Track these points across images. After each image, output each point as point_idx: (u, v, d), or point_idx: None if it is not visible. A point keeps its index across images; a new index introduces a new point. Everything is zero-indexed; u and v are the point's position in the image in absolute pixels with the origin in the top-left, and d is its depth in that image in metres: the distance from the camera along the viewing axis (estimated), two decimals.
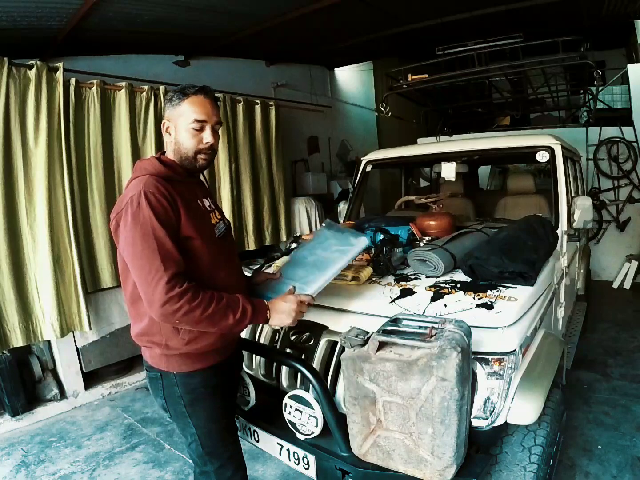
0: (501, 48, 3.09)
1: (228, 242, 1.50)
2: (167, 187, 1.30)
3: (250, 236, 4.57)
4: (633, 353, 3.45)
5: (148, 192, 1.24)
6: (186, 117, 1.33)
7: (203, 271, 1.34)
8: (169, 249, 1.23)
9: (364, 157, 3.24)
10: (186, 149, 1.36)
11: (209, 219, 1.43)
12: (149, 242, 1.21)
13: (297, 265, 1.69)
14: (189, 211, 1.32)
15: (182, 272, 1.25)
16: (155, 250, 1.21)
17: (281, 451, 1.65)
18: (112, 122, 3.43)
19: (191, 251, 1.31)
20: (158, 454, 2.58)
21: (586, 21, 4.63)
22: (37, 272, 3.00)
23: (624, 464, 2.20)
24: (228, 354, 1.49)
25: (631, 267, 5.15)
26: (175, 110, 1.35)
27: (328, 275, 1.56)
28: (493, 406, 1.41)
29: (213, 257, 1.37)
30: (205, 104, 1.35)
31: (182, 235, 1.29)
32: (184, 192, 1.35)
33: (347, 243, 1.69)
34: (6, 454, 2.67)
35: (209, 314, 1.25)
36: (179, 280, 1.22)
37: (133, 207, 1.23)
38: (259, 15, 3.83)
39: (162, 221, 1.23)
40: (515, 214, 2.73)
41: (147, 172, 1.32)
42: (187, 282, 1.24)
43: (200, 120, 1.34)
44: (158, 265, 1.20)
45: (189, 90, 1.35)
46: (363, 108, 7.34)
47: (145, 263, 1.21)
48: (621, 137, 5.19)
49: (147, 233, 1.21)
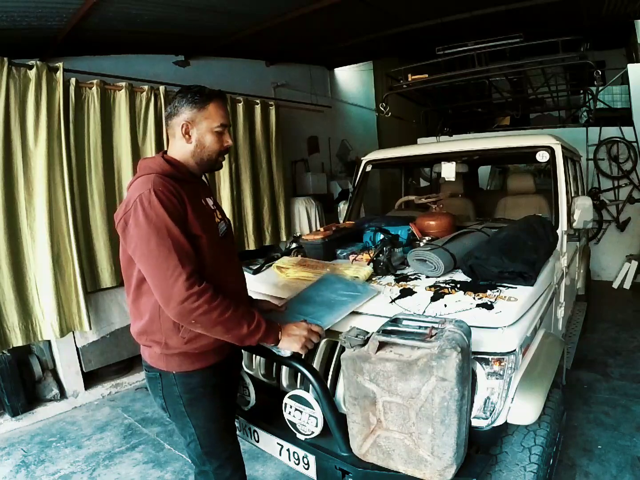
0: (501, 48, 3.09)
1: (229, 241, 1.51)
2: (175, 185, 1.30)
3: (250, 236, 4.57)
4: (633, 353, 3.45)
5: (158, 190, 1.24)
6: (212, 121, 1.37)
7: (205, 270, 1.34)
8: (184, 246, 1.24)
9: (364, 157, 3.24)
10: (211, 151, 1.40)
11: (213, 218, 1.44)
12: (164, 240, 1.21)
13: (305, 303, 1.72)
14: (195, 210, 1.32)
15: (197, 271, 1.25)
16: (171, 248, 1.21)
17: (281, 451, 1.65)
18: (112, 122, 3.43)
19: (197, 250, 1.31)
20: (158, 454, 2.58)
21: (586, 21, 4.63)
22: (36, 272, 3.00)
23: (624, 464, 2.20)
24: (227, 353, 1.49)
25: (631, 267, 5.15)
26: (200, 113, 1.36)
27: (338, 314, 1.62)
28: (493, 406, 1.41)
29: (215, 256, 1.37)
30: (225, 108, 1.42)
31: (189, 234, 1.30)
32: (189, 191, 1.36)
33: (355, 290, 1.77)
34: (6, 454, 2.67)
35: (226, 318, 1.26)
36: (197, 278, 1.23)
37: (144, 205, 1.22)
38: (259, 15, 3.83)
39: (175, 219, 1.24)
40: (515, 214, 2.73)
41: (153, 171, 1.32)
42: (205, 282, 1.25)
43: (225, 125, 1.40)
44: (176, 263, 1.21)
45: (213, 94, 1.38)
46: (363, 108, 7.34)
47: (162, 261, 1.21)
48: (621, 137, 5.19)
49: (162, 231, 1.22)
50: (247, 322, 1.30)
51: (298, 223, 5.06)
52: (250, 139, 4.52)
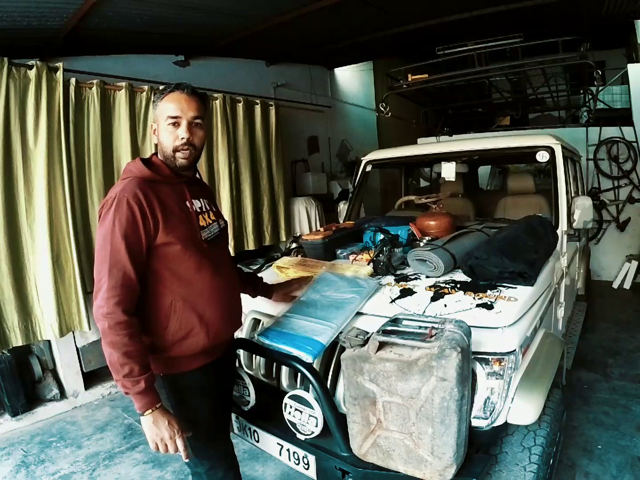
0: (501, 48, 3.09)
1: (217, 245, 1.48)
2: (148, 191, 1.30)
3: (250, 236, 4.56)
4: (633, 353, 3.45)
5: (122, 198, 1.26)
6: (163, 115, 1.34)
7: (185, 276, 1.35)
8: (120, 259, 1.24)
9: (364, 157, 3.24)
10: (166, 147, 1.36)
11: (195, 221, 1.40)
12: (105, 246, 1.25)
13: (312, 306, 1.73)
14: (169, 215, 1.32)
15: (127, 285, 1.24)
16: (107, 257, 1.24)
17: (281, 451, 1.65)
18: (112, 122, 3.42)
19: (171, 256, 1.32)
20: (158, 454, 2.57)
21: (586, 21, 4.62)
22: (36, 272, 3.00)
23: (624, 464, 2.20)
24: (218, 354, 1.48)
25: (631, 267, 5.15)
26: (156, 110, 1.37)
27: (350, 312, 1.65)
28: (493, 406, 1.41)
29: (196, 261, 1.36)
30: (180, 99, 1.33)
31: (160, 242, 1.30)
32: (169, 195, 1.35)
33: (357, 285, 1.79)
34: (6, 454, 2.67)
35: (115, 348, 1.21)
36: (118, 294, 1.23)
37: (106, 208, 1.28)
38: (259, 15, 3.83)
39: (125, 231, 1.24)
40: (515, 214, 2.73)
41: (132, 175, 1.33)
42: (126, 299, 1.24)
43: (174, 116, 1.33)
44: (105, 271, 1.24)
45: (167, 89, 1.36)
46: (363, 108, 7.34)
47: (98, 263, 1.27)
48: (621, 137, 5.19)
49: (106, 238, 1.25)
50: (128, 372, 1.21)
51: (298, 223, 5.05)
52: (250, 139, 4.52)
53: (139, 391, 1.22)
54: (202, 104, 1.40)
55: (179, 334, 1.34)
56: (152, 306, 1.34)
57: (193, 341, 1.36)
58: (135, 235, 1.26)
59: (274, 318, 1.76)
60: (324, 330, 1.57)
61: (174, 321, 1.34)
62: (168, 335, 1.34)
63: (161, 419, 1.25)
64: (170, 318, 1.34)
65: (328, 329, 1.57)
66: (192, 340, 1.36)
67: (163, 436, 1.25)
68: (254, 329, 1.92)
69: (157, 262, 1.32)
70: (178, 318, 1.34)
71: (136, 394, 1.23)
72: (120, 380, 1.22)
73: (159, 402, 1.27)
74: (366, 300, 1.72)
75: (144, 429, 1.27)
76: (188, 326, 1.35)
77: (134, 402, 1.25)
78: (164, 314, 1.34)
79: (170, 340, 1.34)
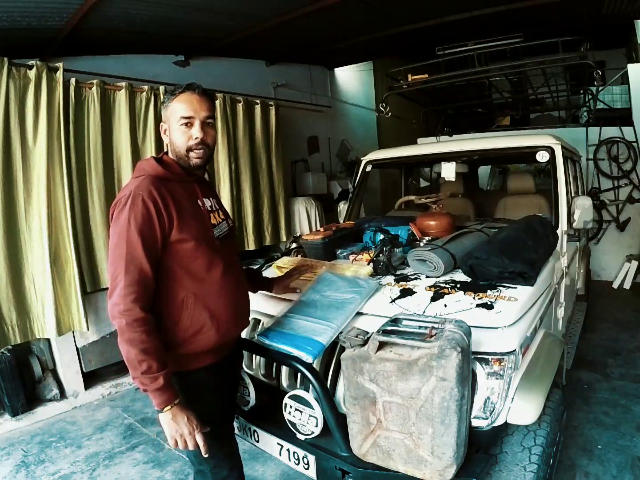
0: (501, 48, 3.10)
1: (228, 243, 1.50)
2: (162, 189, 1.31)
3: (250, 236, 4.56)
4: (633, 353, 3.45)
5: (137, 195, 1.26)
6: (175, 116, 1.35)
7: (197, 273, 1.35)
8: (136, 256, 1.24)
9: (364, 157, 3.24)
10: (179, 147, 1.37)
11: (207, 219, 1.43)
12: (121, 244, 1.25)
13: (312, 307, 1.73)
14: (183, 213, 1.33)
15: (144, 282, 1.25)
16: (123, 255, 1.24)
17: (281, 451, 1.65)
18: (112, 122, 3.43)
19: (183, 253, 1.33)
20: (158, 454, 2.58)
21: (586, 21, 4.63)
22: (34, 271, 3.00)
23: (624, 464, 2.20)
24: (225, 353, 1.49)
25: (631, 267, 5.15)
26: (167, 111, 1.38)
27: (350, 312, 1.65)
28: (493, 406, 1.41)
29: (208, 258, 1.37)
30: (192, 100, 1.35)
31: (173, 238, 1.30)
32: (182, 193, 1.37)
33: (357, 285, 1.78)
34: (6, 454, 2.67)
35: (132, 345, 1.21)
36: (134, 292, 1.23)
37: (120, 207, 1.28)
38: (259, 15, 3.83)
39: (140, 228, 1.25)
40: (515, 214, 2.73)
41: (145, 173, 1.33)
42: (143, 296, 1.24)
43: (187, 117, 1.35)
44: (121, 268, 1.23)
45: (177, 90, 1.37)
46: (363, 108, 7.34)
47: (114, 261, 1.26)
48: (621, 137, 5.19)
49: (122, 235, 1.25)
50: (146, 369, 1.21)
51: (298, 223, 5.05)
52: (250, 139, 4.52)
53: (157, 388, 1.22)
54: (212, 103, 1.42)
55: (190, 330, 1.34)
56: (164, 303, 1.34)
57: (204, 338, 1.36)
58: (151, 232, 1.26)
59: (274, 318, 1.76)
60: (324, 330, 1.57)
61: (186, 318, 1.34)
62: (179, 331, 1.34)
63: (180, 415, 1.25)
64: (182, 315, 1.34)
65: (328, 329, 1.57)
66: (203, 336, 1.36)
67: (183, 432, 1.25)
68: (254, 329, 1.92)
69: (169, 259, 1.32)
70: (189, 315, 1.34)
71: (154, 391, 1.23)
72: (138, 377, 1.22)
73: (177, 399, 1.26)
74: (366, 300, 1.72)
75: (162, 426, 1.27)
76: (199, 323, 1.35)
77: (152, 399, 1.25)
78: (175, 310, 1.34)
79: (181, 336, 1.34)
